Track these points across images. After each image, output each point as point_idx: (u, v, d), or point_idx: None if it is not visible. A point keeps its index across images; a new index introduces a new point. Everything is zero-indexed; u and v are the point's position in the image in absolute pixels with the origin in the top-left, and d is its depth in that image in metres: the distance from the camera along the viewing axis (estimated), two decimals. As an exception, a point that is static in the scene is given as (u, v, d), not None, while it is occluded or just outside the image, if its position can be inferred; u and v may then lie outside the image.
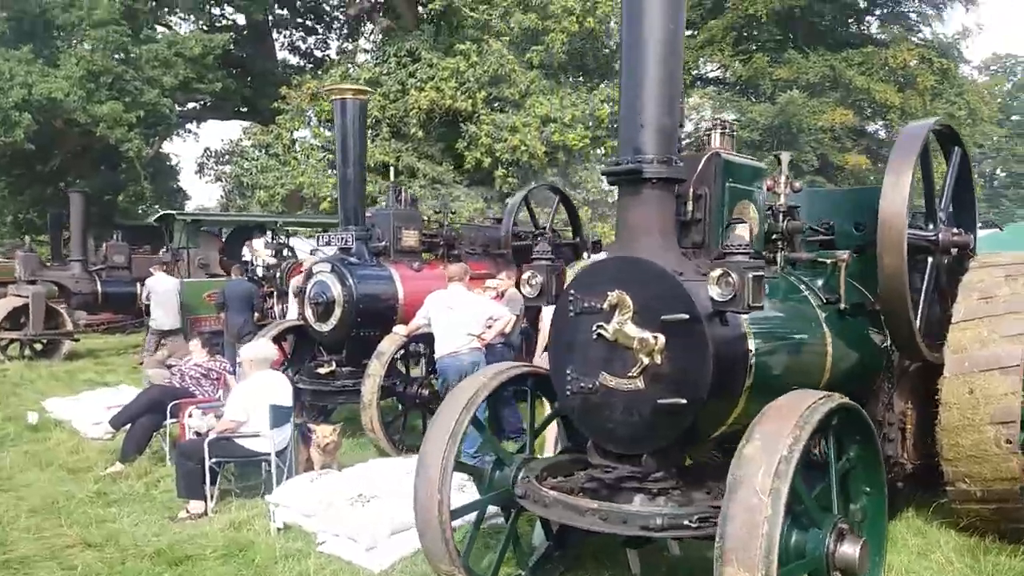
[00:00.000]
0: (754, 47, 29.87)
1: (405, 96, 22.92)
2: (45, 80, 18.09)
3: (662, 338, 3.77)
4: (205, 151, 26.08)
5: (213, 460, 5.92)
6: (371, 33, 26.88)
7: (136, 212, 28.88)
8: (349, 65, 25.15)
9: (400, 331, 7.59)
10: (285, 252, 14.73)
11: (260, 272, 13.34)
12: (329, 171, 22.52)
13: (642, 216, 4.05)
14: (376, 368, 7.34)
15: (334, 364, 8.09)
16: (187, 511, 5.89)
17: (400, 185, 9.28)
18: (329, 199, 21.46)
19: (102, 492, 6.50)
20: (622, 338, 3.90)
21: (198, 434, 6.89)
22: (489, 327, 7.13)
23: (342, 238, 8.10)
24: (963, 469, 4.64)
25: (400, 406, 7.87)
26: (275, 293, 12.72)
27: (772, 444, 3.18)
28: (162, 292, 12.01)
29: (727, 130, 4.81)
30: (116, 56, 20.07)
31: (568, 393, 4.14)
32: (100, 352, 15.36)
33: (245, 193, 22.24)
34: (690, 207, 4.35)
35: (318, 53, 30.87)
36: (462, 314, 7.01)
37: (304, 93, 23.18)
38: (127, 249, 15.98)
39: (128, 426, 7.32)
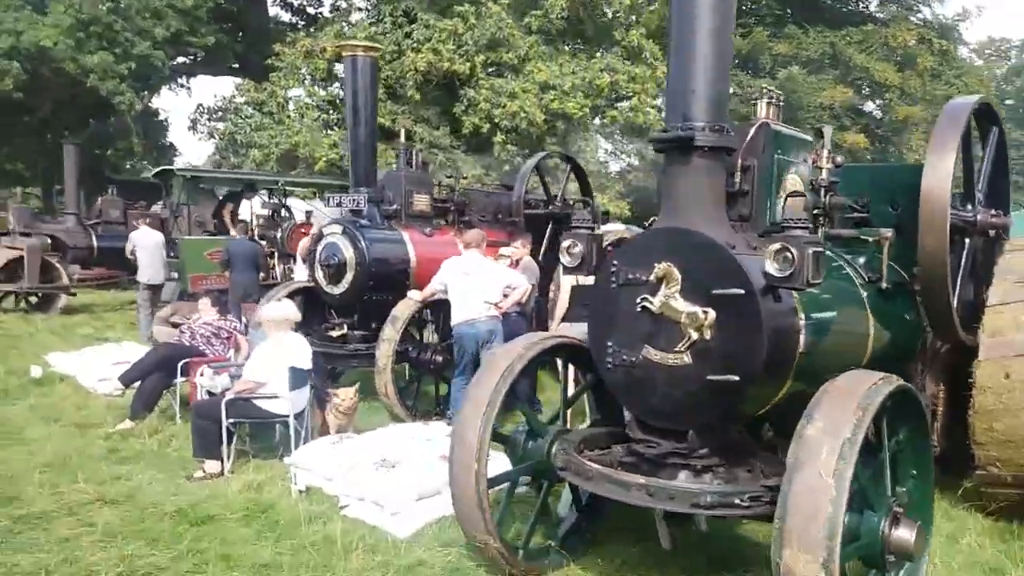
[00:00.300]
0: (753, 20, 29.58)
1: (401, 57, 22.56)
2: (34, 27, 17.65)
3: (712, 313, 3.71)
4: (198, 107, 25.70)
5: (230, 420, 5.84)
6: (366, -10, 26.29)
7: (125, 167, 28.49)
8: (344, 24, 24.70)
9: (414, 296, 7.50)
10: (283, 213, 14.57)
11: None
12: (326, 131, 22.24)
13: (692, 186, 3.96)
14: (391, 333, 7.26)
15: (345, 327, 8.00)
16: (203, 471, 5.83)
17: (411, 148, 9.10)
18: (325, 159, 21.21)
19: (114, 449, 6.42)
20: (669, 311, 3.83)
21: (211, 394, 6.82)
22: (506, 296, 7.05)
23: (354, 200, 7.96)
24: (995, 453, 4.64)
25: (413, 372, 7.80)
26: (275, 254, 12.58)
27: (835, 426, 3.14)
28: (149, 246, 11.80)
29: (774, 100, 4.71)
30: (106, 5, 19.62)
31: (609, 367, 4.08)
32: (95, 307, 15.16)
33: (239, 151, 21.87)
34: (737, 178, 4.29)
35: (311, 10, 30.30)
36: (480, 281, 6.93)
37: (299, 50, 22.75)
38: (122, 204, 15.72)
39: (137, 383, 7.20)
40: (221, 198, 12.83)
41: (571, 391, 5.16)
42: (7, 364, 9.60)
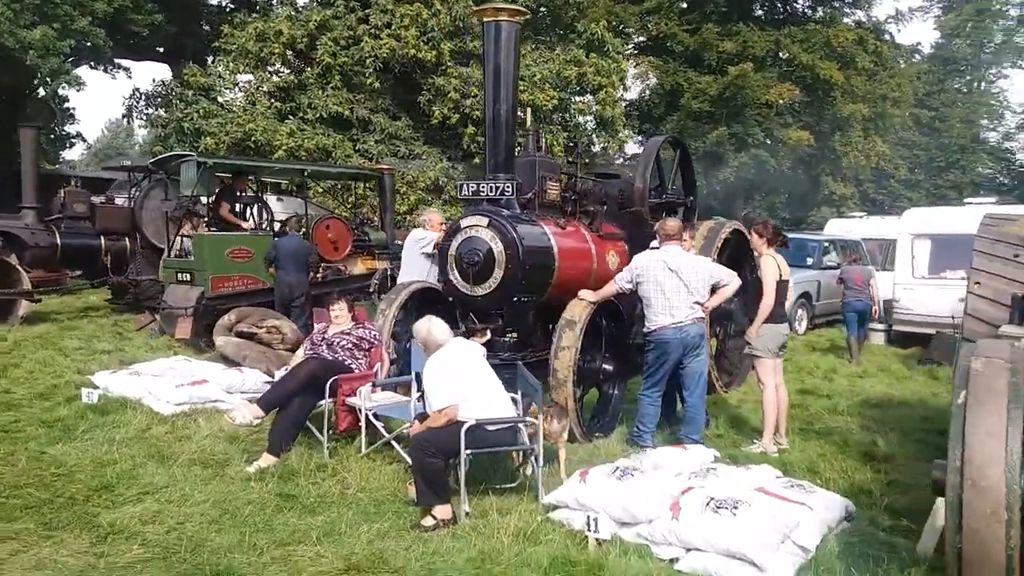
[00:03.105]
0: (698, 17, 29.69)
1: (359, 44, 21.18)
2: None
3: None
4: (134, 92, 23.26)
5: (468, 452, 4.77)
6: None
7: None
8: (291, 8, 23.01)
9: (588, 297, 6.56)
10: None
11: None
12: (284, 121, 20.60)
13: None
14: (571, 339, 6.30)
15: (488, 333, 6.94)
16: (433, 517, 4.73)
17: (538, 129, 8.08)
18: (284, 148, 19.60)
19: (287, 495, 5.20)
20: None
21: (376, 417, 5.71)
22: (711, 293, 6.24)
23: (496, 187, 6.92)
24: None
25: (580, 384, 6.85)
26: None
27: None
28: None
29: None
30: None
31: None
32: (58, 315, 13.22)
33: (185, 140, 19.88)
34: None
35: (242, -8, 28.24)
36: (688, 278, 6.08)
37: (250, 33, 20.95)
38: (88, 197, 13.80)
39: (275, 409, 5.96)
40: (217, 192, 11.31)
41: None
42: (31, 386, 8.01)
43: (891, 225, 18.99)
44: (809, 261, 15.76)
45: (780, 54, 28.51)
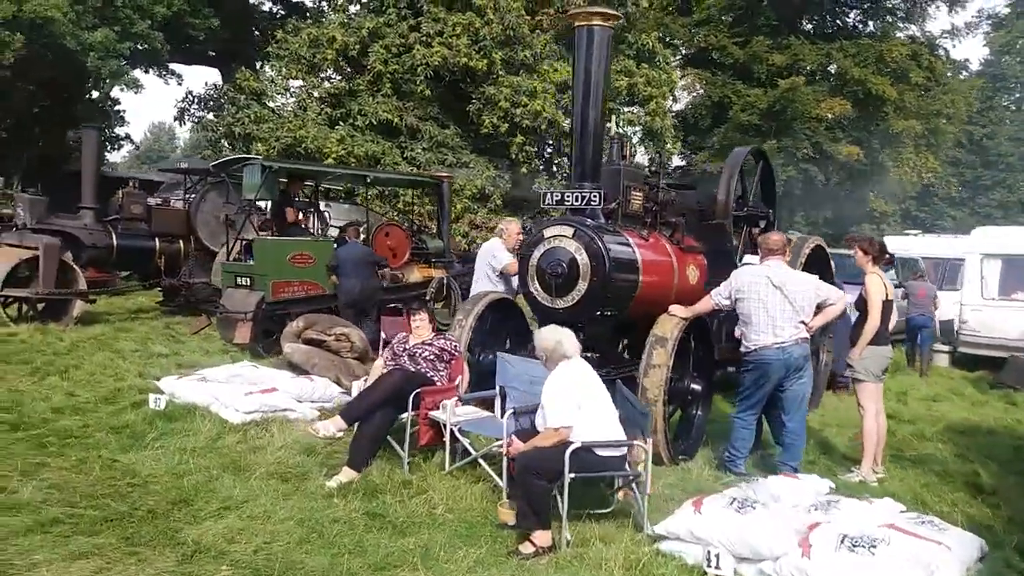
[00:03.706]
0: (748, 29, 29.28)
1: (411, 51, 21.06)
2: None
3: None
4: (187, 95, 23.36)
5: (572, 475, 4.49)
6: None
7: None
8: (344, 15, 22.99)
9: (680, 313, 6.27)
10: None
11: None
12: (331, 126, 20.54)
13: None
14: (663, 357, 6.01)
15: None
16: (533, 544, 4.45)
17: (622, 137, 7.80)
18: (334, 156, 19.52)
19: (373, 513, 4.96)
20: None
21: (462, 432, 5.46)
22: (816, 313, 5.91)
23: (582, 196, 6.65)
24: None
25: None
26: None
27: None
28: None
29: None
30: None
31: None
32: (109, 316, 13.16)
33: (236, 144, 19.88)
34: None
35: (294, -1, 28.35)
36: (794, 296, 5.76)
37: (303, 39, 20.94)
38: (145, 199, 13.75)
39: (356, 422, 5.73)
40: (280, 197, 11.14)
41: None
42: (94, 390, 7.87)
43: (946, 244, 18.49)
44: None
45: (831, 68, 28.01)
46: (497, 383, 6.03)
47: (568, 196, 6.71)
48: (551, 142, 23.23)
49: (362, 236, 10.54)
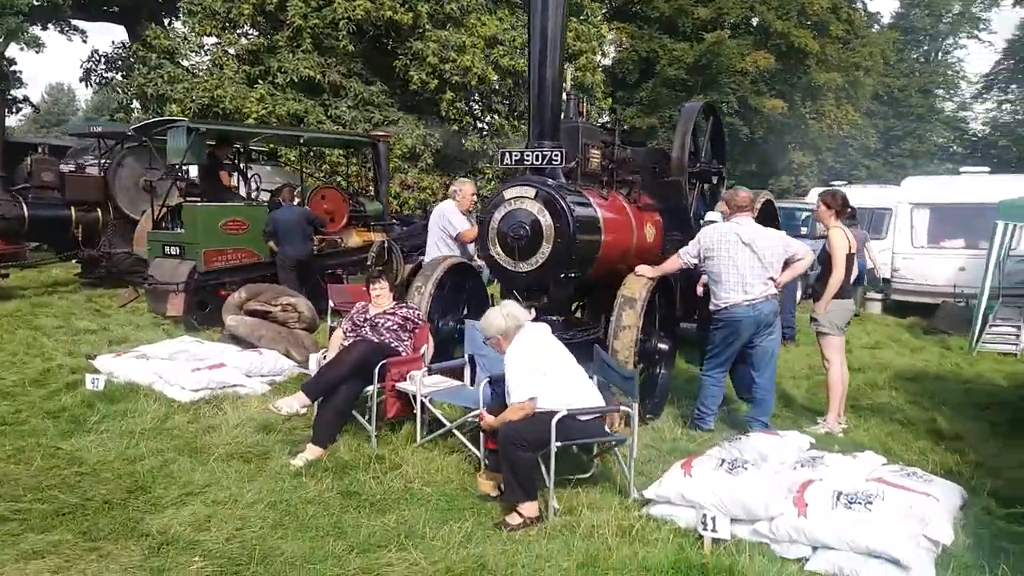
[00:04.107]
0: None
1: (332, 5, 20.24)
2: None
3: None
4: (93, 54, 21.87)
5: (559, 444, 4.34)
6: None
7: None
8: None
9: (647, 272, 6.16)
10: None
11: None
12: (254, 86, 19.65)
13: None
14: (632, 318, 5.90)
15: (534, 312, 6.48)
16: (520, 514, 4.31)
17: (577, 96, 7.53)
18: (255, 115, 18.71)
19: (348, 492, 4.72)
20: None
21: (433, 403, 5.26)
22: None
23: (543, 155, 6.42)
24: None
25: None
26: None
27: None
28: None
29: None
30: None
31: None
32: (23, 291, 12.37)
33: (149, 106, 18.83)
34: None
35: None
36: (763, 252, 5.70)
37: (216, -9, 19.88)
38: (56, 165, 12.89)
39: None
40: (206, 159, 10.50)
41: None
42: (21, 371, 7.35)
43: (872, 193, 18.95)
44: (804, 231, 15.54)
45: (753, 21, 28.22)
46: (465, 351, 5.82)
47: (528, 155, 6.47)
48: (478, 98, 22.79)
49: (296, 200, 10.06)
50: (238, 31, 20.77)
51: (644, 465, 5.16)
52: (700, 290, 6.85)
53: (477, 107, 23.14)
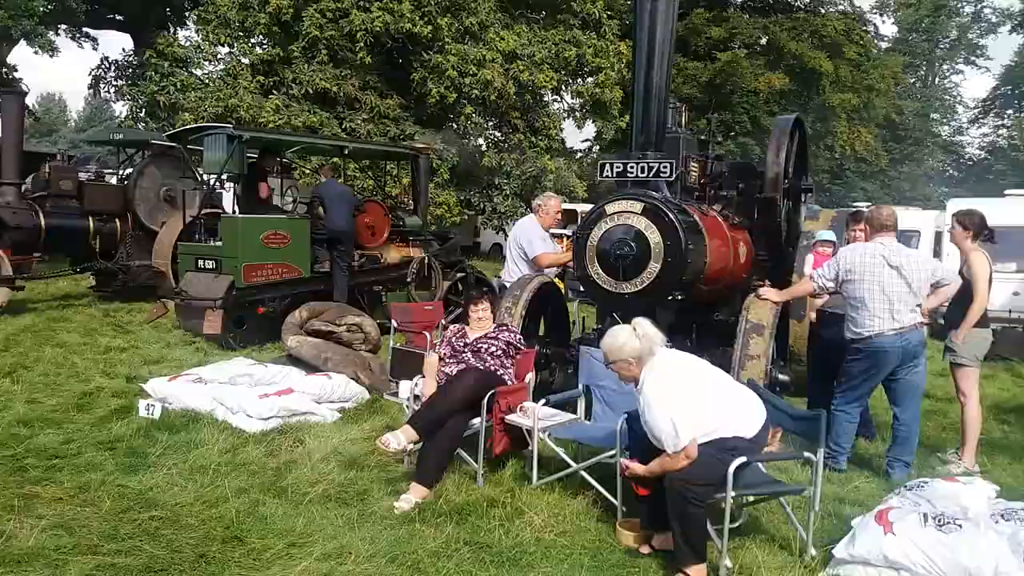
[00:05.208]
0: (686, 2, 28.96)
1: (348, 16, 19.75)
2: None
3: None
4: (103, 62, 21.18)
5: (735, 494, 3.76)
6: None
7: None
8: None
9: (772, 296, 5.61)
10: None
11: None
12: (268, 96, 19.08)
13: None
14: (761, 347, 5.36)
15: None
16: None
17: (681, 105, 7.00)
18: (272, 125, 18.15)
19: (475, 543, 4.11)
20: None
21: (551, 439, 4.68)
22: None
23: (649, 167, 5.88)
24: None
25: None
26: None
27: None
28: None
29: None
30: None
31: None
32: (34, 304, 11.63)
33: (162, 115, 18.20)
34: None
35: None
36: (911, 275, 5.16)
37: (232, 1, 19.31)
38: (75, 173, 12.22)
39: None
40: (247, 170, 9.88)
41: None
42: (59, 395, 6.69)
43: (907, 216, 18.54)
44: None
45: (768, 41, 28.01)
46: (580, 381, 5.24)
47: (632, 167, 5.93)
48: (496, 113, 22.30)
49: (338, 177, 9.75)
50: (252, 40, 20.22)
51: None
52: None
53: (494, 122, 22.66)
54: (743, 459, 3.71)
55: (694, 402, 3.86)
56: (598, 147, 28.78)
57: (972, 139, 51.50)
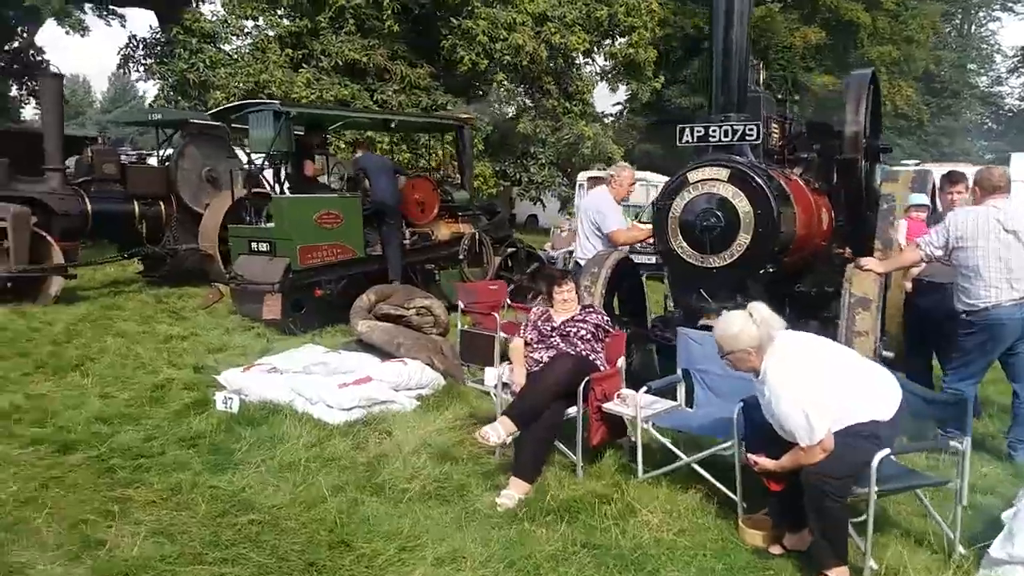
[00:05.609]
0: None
1: (376, -17, 19.33)
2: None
3: None
4: (131, 40, 20.96)
5: (878, 489, 3.52)
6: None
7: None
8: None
9: (875, 267, 5.29)
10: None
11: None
12: (298, 70, 18.77)
13: None
14: (869, 322, 5.07)
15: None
16: (832, 577, 3.50)
17: (756, 65, 6.67)
18: (304, 100, 17.87)
19: (593, 545, 3.91)
20: None
21: (657, 429, 4.45)
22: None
23: (734, 130, 5.57)
24: None
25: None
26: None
27: None
28: None
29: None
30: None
31: None
32: (84, 292, 11.52)
33: (190, 92, 17.97)
34: None
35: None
36: (1031, 243, 4.84)
37: (259, -28, 19.00)
38: (118, 156, 12.06)
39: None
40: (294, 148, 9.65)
41: None
42: (130, 389, 6.55)
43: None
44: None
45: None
46: (680, 366, 5.00)
47: (715, 131, 5.63)
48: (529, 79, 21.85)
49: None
50: (279, 13, 19.88)
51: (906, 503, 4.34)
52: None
53: (525, 88, 22.22)
54: (887, 451, 3.46)
55: (826, 389, 3.59)
56: (630, 110, 28.28)
57: (1011, 89, 50.06)
